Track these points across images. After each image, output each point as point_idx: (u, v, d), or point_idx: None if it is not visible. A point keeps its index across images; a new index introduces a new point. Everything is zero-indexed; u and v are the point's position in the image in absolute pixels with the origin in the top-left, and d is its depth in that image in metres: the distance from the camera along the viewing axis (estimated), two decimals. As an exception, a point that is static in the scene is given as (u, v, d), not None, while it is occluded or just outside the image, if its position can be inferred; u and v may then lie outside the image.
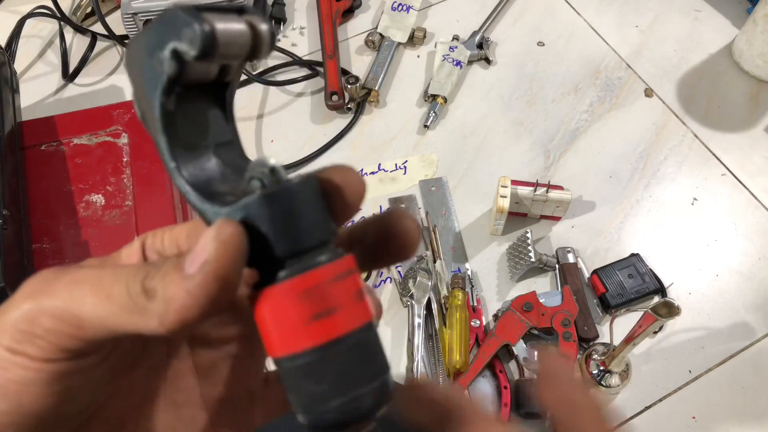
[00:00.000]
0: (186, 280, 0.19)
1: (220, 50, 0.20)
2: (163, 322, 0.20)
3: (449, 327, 0.69)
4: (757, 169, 0.83)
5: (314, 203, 0.21)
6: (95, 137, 0.72)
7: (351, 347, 0.21)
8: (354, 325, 0.21)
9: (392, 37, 0.93)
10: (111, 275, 0.20)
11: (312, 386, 0.21)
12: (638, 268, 0.74)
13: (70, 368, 0.21)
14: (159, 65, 0.20)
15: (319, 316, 0.20)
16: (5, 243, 0.58)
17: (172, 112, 0.21)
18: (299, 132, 0.87)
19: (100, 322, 0.20)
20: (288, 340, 0.21)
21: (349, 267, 0.21)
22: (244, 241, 0.20)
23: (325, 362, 0.21)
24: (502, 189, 0.73)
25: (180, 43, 0.19)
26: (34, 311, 0.20)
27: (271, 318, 0.21)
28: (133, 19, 0.86)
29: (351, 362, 0.21)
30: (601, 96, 0.90)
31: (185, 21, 0.19)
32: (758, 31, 0.86)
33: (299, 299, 0.20)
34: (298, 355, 0.20)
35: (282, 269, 0.21)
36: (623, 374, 0.67)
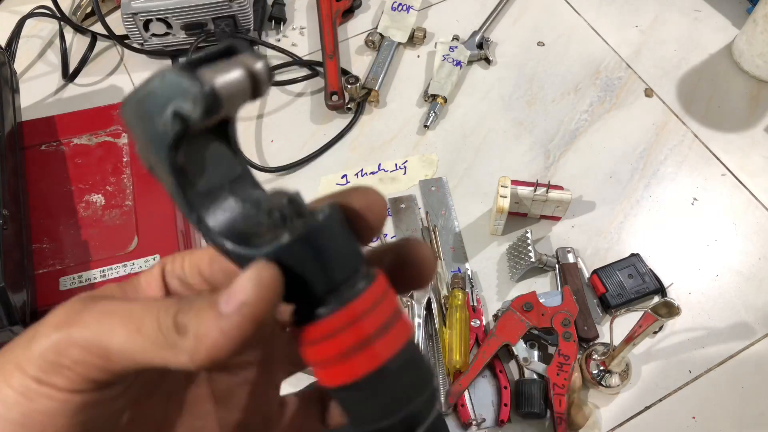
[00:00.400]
0: (221, 319, 0.19)
1: (224, 105, 0.19)
2: (193, 358, 0.20)
3: (449, 327, 0.69)
4: (757, 169, 0.83)
5: (342, 234, 0.21)
6: (95, 137, 0.72)
7: (398, 368, 0.22)
8: (397, 346, 0.22)
9: (392, 37, 0.93)
10: (142, 309, 0.20)
11: (368, 410, 0.22)
12: (638, 268, 0.74)
13: (94, 399, 0.21)
14: (163, 125, 0.19)
15: (365, 345, 0.21)
16: (5, 243, 0.58)
17: (181, 166, 0.21)
18: (299, 132, 0.87)
19: (129, 356, 0.20)
20: (338, 373, 0.21)
21: (383, 289, 0.22)
22: (281, 284, 0.20)
23: (377, 387, 0.22)
24: (502, 189, 0.73)
25: (183, 105, 0.19)
26: (64, 342, 0.20)
27: (319, 354, 0.21)
28: (133, 19, 0.86)
29: (401, 382, 0.22)
30: (601, 96, 0.90)
31: (183, 83, 0.19)
32: (758, 31, 0.86)
33: (343, 333, 0.21)
34: (350, 386, 0.21)
35: (322, 305, 0.21)
36: (623, 374, 0.67)
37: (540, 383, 0.66)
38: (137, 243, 0.65)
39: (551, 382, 0.66)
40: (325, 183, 0.83)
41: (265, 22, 0.96)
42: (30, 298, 0.60)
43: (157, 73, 0.19)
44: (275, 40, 0.96)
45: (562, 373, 0.66)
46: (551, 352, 0.69)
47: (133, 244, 0.65)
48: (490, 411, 0.67)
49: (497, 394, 0.68)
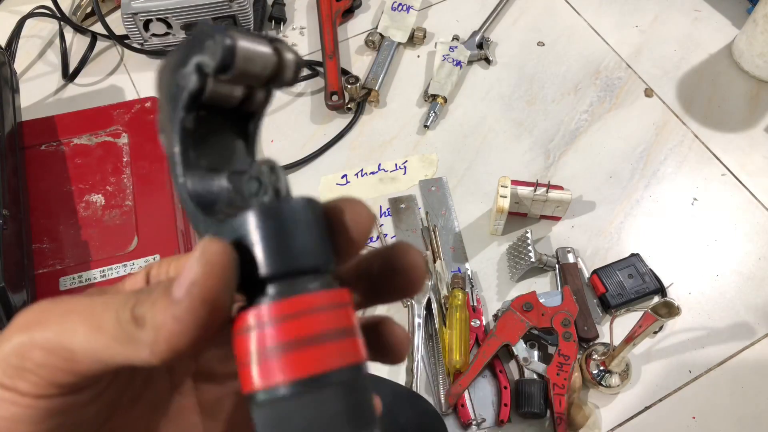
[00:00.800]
0: (173, 305, 0.18)
1: (240, 65, 0.19)
2: (153, 351, 0.18)
3: (449, 327, 0.69)
4: (757, 169, 0.83)
5: (312, 226, 0.20)
6: (95, 137, 0.72)
7: (336, 386, 0.19)
8: (342, 362, 0.19)
9: (392, 37, 0.93)
10: (102, 304, 0.19)
11: (284, 427, 0.19)
12: (638, 268, 0.74)
13: (62, 405, 0.20)
14: (182, 81, 0.20)
15: (303, 345, 0.18)
16: (5, 243, 0.58)
17: (190, 130, 0.21)
18: (299, 132, 0.87)
19: (92, 355, 0.19)
20: (266, 371, 0.18)
21: (342, 300, 0.20)
22: (233, 261, 0.19)
23: (306, 400, 0.18)
24: (502, 189, 0.73)
25: (202, 56, 0.19)
26: (26, 344, 0.19)
27: (249, 343, 0.19)
28: (133, 19, 0.86)
29: (331, 405, 0.19)
30: (601, 96, 0.90)
31: (208, 35, 0.19)
32: (758, 31, 0.86)
33: (282, 323, 0.19)
34: (276, 389, 0.18)
35: (268, 291, 0.19)
36: (623, 374, 0.67)
37: (540, 383, 0.66)
38: (137, 243, 0.65)
39: (551, 382, 0.66)
40: (325, 183, 0.83)
41: (265, 22, 0.96)
42: (30, 298, 0.60)
43: (193, 29, 0.20)
44: (275, 40, 0.96)
45: (562, 373, 0.66)
46: (551, 352, 0.69)
47: (133, 244, 0.65)
48: (490, 411, 0.67)
49: (497, 394, 0.68)
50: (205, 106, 0.21)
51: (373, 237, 0.79)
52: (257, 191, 0.20)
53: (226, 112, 0.22)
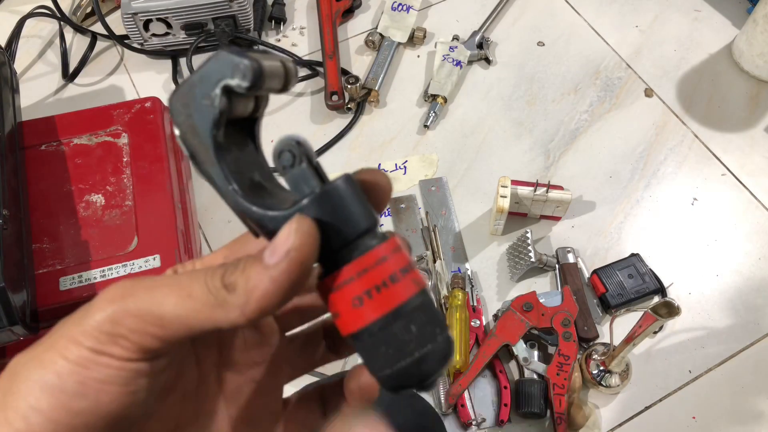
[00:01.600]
0: (269, 269, 0.22)
1: (265, 83, 0.23)
2: (244, 311, 0.22)
3: (449, 327, 0.69)
4: (757, 169, 0.83)
5: (358, 196, 0.24)
6: (95, 137, 0.72)
7: (413, 311, 0.24)
8: (411, 292, 0.24)
9: (392, 37, 0.93)
10: (189, 277, 0.22)
11: (386, 351, 0.24)
12: (638, 268, 0.74)
13: (146, 369, 0.22)
14: (209, 102, 0.23)
15: (380, 288, 0.24)
16: (5, 243, 0.58)
17: (222, 144, 0.24)
18: (299, 132, 0.87)
19: (182, 321, 0.22)
20: (359, 316, 0.24)
21: (396, 245, 0.25)
22: (318, 233, 0.23)
23: (395, 326, 0.24)
24: (502, 189, 0.73)
25: (232, 79, 0.23)
26: (120, 313, 0.22)
27: (341, 298, 0.24)
28: (133, 19, 0.86)
29: (416, 323, 0.24)
30: (601, 96, 0.90)
31: (237, 59, 0.23)
32: (758, 31, 0.86)
33: (364, 276, 0.24)
34: (372, 324, 0.24)
35: (345, 254, 0.24)
36: (623, 374, 0.67)
37: (540, 383, 0.66)
38: (137, 243, 0.65)
39: (551, 382, 0.66)
40: (325, 183, 0.83)
41: (265, 22, 0.96)
42: (30, 298, 0.60)
43: (213, 56, 0.23)
44: (275, 40, 0.96)
45: (562, 373, 0.66)
46: (551, 352, 0.69)
47: (133, 244, 0.65)
48: (490, 411, 0.67)
49: (497, 394, 0.68)
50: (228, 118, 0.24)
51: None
52: (292, 163, 0.24)
53: (236, 121, 0.25)
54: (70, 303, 0.61)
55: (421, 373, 0.24)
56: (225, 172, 0.24)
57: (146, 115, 0.73)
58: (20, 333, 0.57)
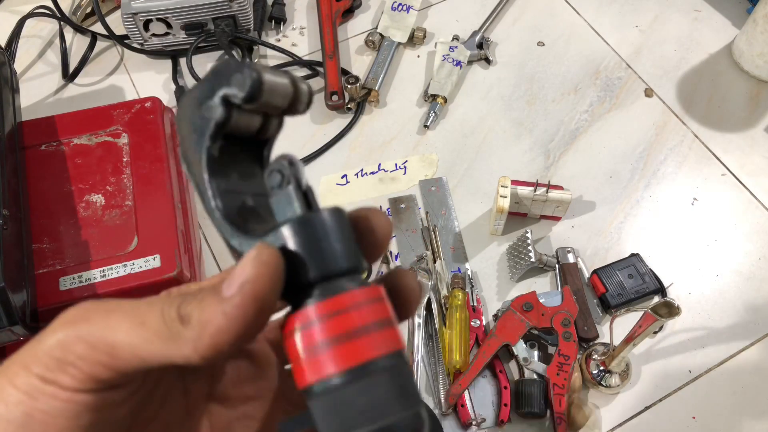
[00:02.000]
0: (223, 302, 0.20)
1: (264, 96, 0.22)
2: (197, 347, 0.20)
3: (449, 327, 0.69)
4: (757, 169, 0.83)
5: (343, 232, 0.22)
6: (95, 137, 0.72)
7: (382, 372, 0.21)
8: (384, 350, 0.21)
9: (392, 37, 0.93)
10: (146, 304, 0.21)
11: (342, 413, 0.20)
12: (638, 268, 0.74)
13: (97, 402, 0.20)
14: (208, 113, 0.22)
15: (349, 338, 0.20)
16: (5, 243, 0.58)
17: (215, 157, 0.23)
18: (299, 132, 0.87)
19: (133, 350, 0.20)
20: (318, 364, 0.20)
21: (378, 295, 0.22)
22: (281, 264, 0.20)
23: (356, 386, 0.20)
24: (502, 189, 0.73)
25: (230, 89, 0.21)
26: (70, 337, 0.20)
27: (300, 341, 0.21)
28: (133, 19, 0.86)
29: (382, 388, 0.20)
30: (601, 96, 0.90)
31: (236, 68, 0.21)
32: (758, 31, 0.86)
33: (328, 320, 0.21)
34: (328, 379, 0.20)
35: (312, 293, 0.21)
36: (623, 374, 0.67)
37: (540, 383, 0.66)
38: (137, 243, 0.65)
39: (551, 382, 0.66)
40: (325, 183, 0.83)
41: (265, 22, 0.96)
42: (30, 298, 0.60)
43: (215, 64, 0.21)
44: (275, 40, 0.96)
45: (562, 373, 0.66)
46: (551, 352, 0.69)
47: (133, 244, 0.65)
48: (490, 411, 0.67)
49: (497, 394, 0.68)
50: (226, 136, 0.23)
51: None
52: (280, 183, 0.22)
53: (242, 140, 0.24)
54: (70, 303, 0.61)
55: None
56: (212, 188, 0.22)
57: (146, 115, 0.73)
58: (20, 333, 0.57)
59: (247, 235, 0.22)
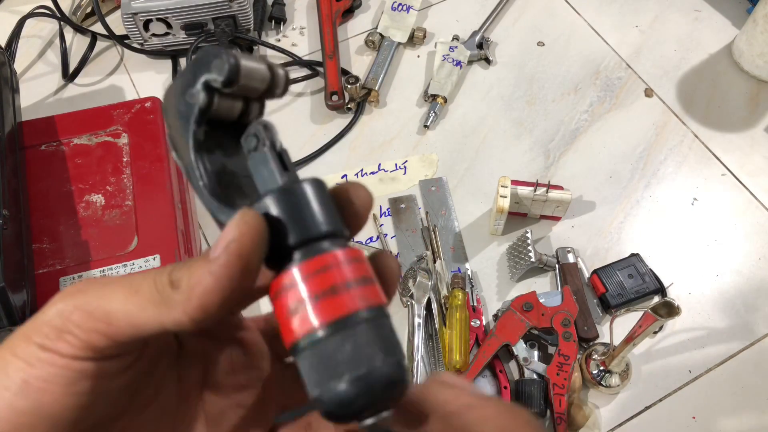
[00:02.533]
0: (209, 263, 0.21)
1: (242, 79, 0.23)
2: (186, 310, 0.20)
3: (449, 327, 0.69)
4: (757, 169, 0.83)
5: (322, 199, 0.23)
6: (95, 137, 0.72)
7: (363, 323, 0.22)
8: (365, 304, 0.22)
9: (392, 37, 0.93)
10: (140, 275, 0.22)
11: (326, 363, 0.21)
12: (638, 268, 0.74)
13: (93, 370, 0.21)
14: (191, 99, 0.23)
15: (331, 293, 0.22)
16: (5, 243, 0.58)
17: (201, 141, 0.24)
18: (299, 132, 0.87)
19: (128, 318, 0.21)
20: (303, 320, 0.22)
21: (357, 256, 0.23)
22: (264, 224, 0.22)
23: (338, 337, 0.21)
24: (502, 189, 0.73)
25: (210, 74, 0.23)
26: (68, 307, 0.21)
27: (286, 300, 0.22)
28: (133, 19, 0.86)
29: (363, 338, 0.22)
30: (601, 96, 0.90)
31: (215, 55, 0.23)
32: (758, 31, 0.86)
33: (311, 279, 0.22)
34: (313, 333, 0.21)
35: (294, 257, 0.22)
36: (623, 374, 0.67)
37: (540, 383, 0.66)
38: (137, 243, 0.65)
39: (551, 382, 0.66)
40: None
41: (265, 22, 0.96)
42: (30, 298, 0.60)
43: (198, 54, 0.22)
44: (275, 40, 0.96)
45: (562, 373, 0.66)
46: (551, 352, 0.69)
47: (133, 244, 0.65)
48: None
49: (497, 394, 0.68)
50: (210, 121, 0.24)
51: (373, 237, 0.79)
52: (256, 146, 0.24)
53: (226, 124, 0.25)
54: (70, 303, 0.61)
55: (354, 401, 0.21)
56: (199, 168, 0.24)
57: (146, 115, 0.73)
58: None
59: (233, 209, 0.23)
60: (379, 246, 0.77)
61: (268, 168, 0.24)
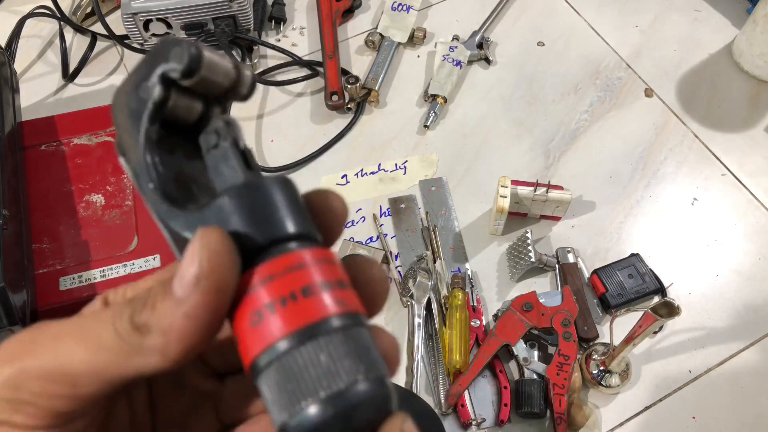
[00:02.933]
0: (180, 304, 0.18)
1: (204, 70, 0.20)
2: (166, 355, 0.18)
3: (449, 327, 0.69)
4: (757, 169, 0.83)
5: (290, 198, 0.20)
6: (95, 137, 0.72)
7: (334, 332, 0.18)
8: (337, 310, 0.18)
9: (392, 37, 0.93)
10: (93, 321, 0.19)
11: (291, 382, 0.18)
12: (638, 268, 0.74)
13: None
14: (145, 94, 0.20)
15: (294, 298, 0.18)
16: (5, 243, 0.58)
17: (154, 141, 0.21)
18: (299, 132, 0.87)
19: (96, 374, 0.18)
20: (263, 332, 0.18)
21: (327, 256, 0.20)
22: (232, 246, 0.18)
23: (304, 349, 0.18)
24: (502, 189, 0.73)
25: (168, 64, 0.20)
26: (18, 376, 0.18)
27: (245, 311, 0.19)
28: (133, 19, 0.86)
29: (335, 350, 0.18)
30: (601, 96, 0.90)
31: (174, 44, 0.20)
32: (758, 31, 0.86)
33: (270, 283, 0.18)
34: (273, 346, 0.18)
35: (255, 260, 0.19)
36: (623, 374, 0.67)
37: (540, 383, 0.66)
38: (137, 243, 0.65)
39: (551, 382, 0.66)
40: (325, 183, 0.83)
41: (265, 22, 0.96)
42: (30, 298, 0.60)
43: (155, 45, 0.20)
44: (275, 40, 0.96)
45: (562, 373, 0.66)
46: (551, 352, 0.69)
47: (133, 244, 0.65)
48: (490, 411, 0.67)
49: (497, 394, 0.68)
50: (165, 123, 0.21)
51: (373, 237, 0.79)
52: (216, 143, 0.21)
53: (184, 131, 0.22)
54: (70, 303, 0.61)
55: (329, 426, 0.17)
56: (149, 169, 0.20)
57: (146, 115, 0.73)
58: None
59: (187, 212, 0.20)
60: (379, 246, 0.77)
61: (229, 165, 0.21)
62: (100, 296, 0.22)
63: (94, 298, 0.22)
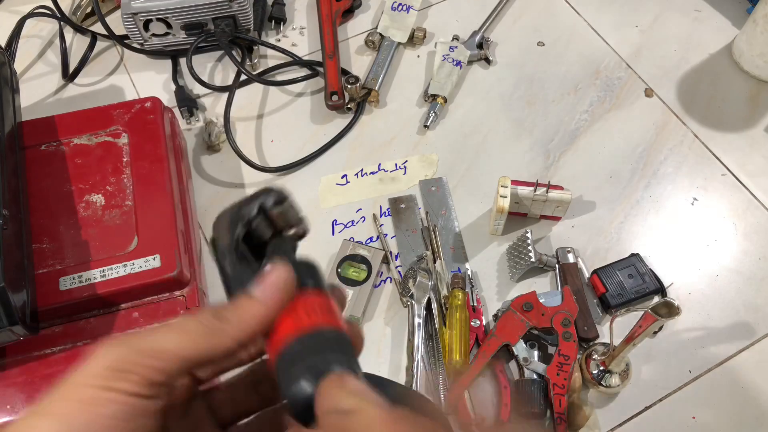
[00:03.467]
0: (259, 302, 0.27)
1: (285, 206, 0.31)
2: (234, 336, 0.26)
3: (449, 327, 0.69)
4: (757, 169, 0.83)
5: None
6: (95, 137, 0.72)
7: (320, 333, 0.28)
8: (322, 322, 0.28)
9: (392, 37, 0.93)
10: (181, 318, 0.26)
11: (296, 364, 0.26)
12: (638, 268, 0.74)
13: (145, 408, 0.24)
14: (245, 212, 0.30)
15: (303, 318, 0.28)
16: (5, 243, 0.58)
17: (239, 239, 0.30)
18: (299, 132, 0.87)
19: (180, 353, 0.25)
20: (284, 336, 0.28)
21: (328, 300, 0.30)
22: (293, 274, 0.29)
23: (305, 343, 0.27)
24: (502, 189, 0.73)
25: (266, 198, 0.30)
26: (126, 351, 0.24)
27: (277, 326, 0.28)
28: (133, 19, 0.86)
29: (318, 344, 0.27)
30: (601, 96, 0.90)
31: (270, 190, 0.31)
32: (758, 31, 0.86)
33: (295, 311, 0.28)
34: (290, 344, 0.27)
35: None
36: (623, 374, 0.67)
37: (540, 383, 0.66)
38: (137, 243, 0.65)
39: (551, 382, 0.66)
40: (325, 183, 0.83)
41: (265, 22, 0.96)
42: (30, 298, 0.60)
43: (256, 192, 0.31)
44: (275, 40, 0.96)
45: (562, 373, 0.66)
46: (551, 352, 0.69)
47: (133, 244, 0.65)
48: (490, 411, 0.67)
49: (497, 394, 0.68)
50: (247, 237, 0.31)
51: (373, 237, 0.79)
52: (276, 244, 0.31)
53: (255, 246, 0.31)
54: (70, 303, 0.61)
55: (314, 377, 0.26)
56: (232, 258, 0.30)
57: (146, 115, 0.73)
58: (20, 333, 0.57)
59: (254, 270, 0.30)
60: (379, 246, 0.77)
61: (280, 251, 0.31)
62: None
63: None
